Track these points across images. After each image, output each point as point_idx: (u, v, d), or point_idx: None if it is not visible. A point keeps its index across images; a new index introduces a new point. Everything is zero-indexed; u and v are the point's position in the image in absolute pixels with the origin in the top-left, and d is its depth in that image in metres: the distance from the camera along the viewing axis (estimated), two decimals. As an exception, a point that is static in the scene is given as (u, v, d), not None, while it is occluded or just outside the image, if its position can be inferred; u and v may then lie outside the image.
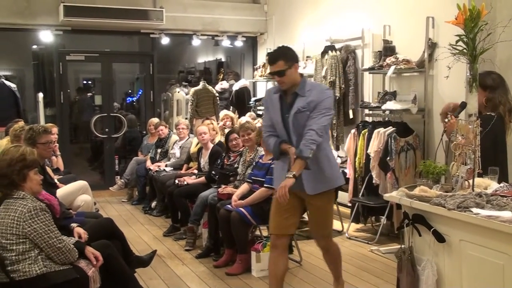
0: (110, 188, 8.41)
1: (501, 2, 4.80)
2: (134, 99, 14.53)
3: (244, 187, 5.18)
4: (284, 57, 3.60)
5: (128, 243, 4.22)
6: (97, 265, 3.30)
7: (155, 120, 8.61)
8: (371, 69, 6.49)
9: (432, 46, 5.80)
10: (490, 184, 3.22)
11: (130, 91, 15.18)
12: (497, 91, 4.07)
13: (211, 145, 6.44)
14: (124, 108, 13.80)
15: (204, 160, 6.41)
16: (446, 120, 3.89)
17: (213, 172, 5.99)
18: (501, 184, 3.21)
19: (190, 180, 6.32)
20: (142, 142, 8.78)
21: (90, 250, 3.31)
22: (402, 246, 3.23)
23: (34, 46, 11.60)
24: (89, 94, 16.02)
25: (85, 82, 16.33)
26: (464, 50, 3.35)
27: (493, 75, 4.04)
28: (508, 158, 4.14)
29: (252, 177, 5.14)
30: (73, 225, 3.70)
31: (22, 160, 3.19)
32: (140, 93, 13.14)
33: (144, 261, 4.25)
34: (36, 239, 3.05)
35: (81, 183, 5.49)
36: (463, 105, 4.14)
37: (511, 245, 2.58)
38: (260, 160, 5.13)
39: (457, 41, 3.37)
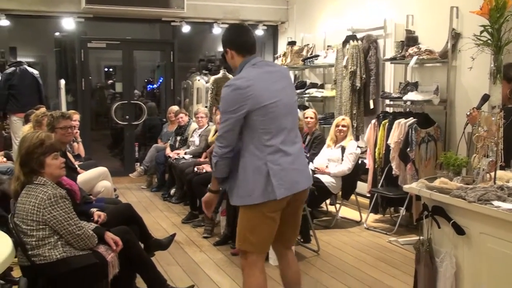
0: (130, 174, 8.49)
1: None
2: (155, 86, 14.60)
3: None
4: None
5: (146, 227, 4.26)
6: (117, 250, 3.33)
7: (175, 108, 8.65)
8: (393, 59, 6.42)
9: (455, 36, 5.71)
10: (512, 177, 3.17)
11: (151, 79, 15.26)
12: None
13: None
14: (144, 96, 13.90)
15: (223, 148, 6.42)
16: (468, 112, 3.84)
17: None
18: (524, 178, 3.16)
19: (209, 168, 6.34)
20: (162, 130, 8.83)
21: (109, 236, 3.35)
22: (421, 237, 3.20)
23: (57, 33, 11.71)
24: (110, 81, 16.23)
25: (106, 69, 16.48)
26: (489, 41, 3.29)
27: None
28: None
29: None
30: (93, 210, 3.75)
31: (39, 145, 3.22)
32: (160, 81, 13.21)
33: (163, 244, 4.29)
34: (56, 226, 3.09)
35: (101, 169, 5.55)
36: (486, 98, 4.08)
37: (533, 239, 2.55)
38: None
39: (481, 32, 3.31)
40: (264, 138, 2.97)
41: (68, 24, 8.73)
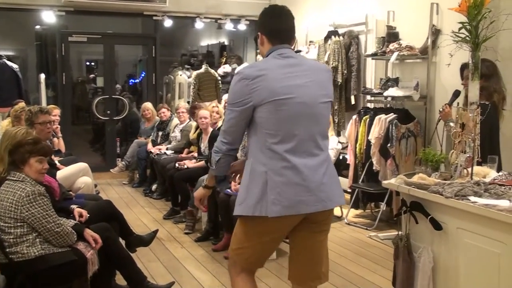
0: (111, 170, 8.43)
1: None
2: (137, 81, 14.50)
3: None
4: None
5: (127, 223, 4.24)
6: (96, 248, 3.31)
7: (148, 104, 8.58)
8: (374, 55, 6.46)
9: (435, 32, 5.76)
10: (488, 173, 3.22)
11: (133, 73, 15.15)
12: (491, 79, 4.09)
13: (210, 129, 6.43)
14: (126, 90, 13.79)
15: (204, 144, 6.42)
16: (441, 109, 3.90)
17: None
18: (500, 173, 3.20)
19: (190, 164, 6.34)
20: (140, 127, 8.76)
21: (89, 233, 3.33)
22: (399, 233, 3.23)
23: (37, 27, 11.56)
24: (91, 75, 16.08)
25: (87, 63, 16.33)
26: (467, 38, 3.32)
27: (486, 63, 4.03)
28: (501, 146, 4.16)
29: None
30: (73, 206, 3.72)
31: (31, 143, 3.20)
32: (142, 75, 13.12)
33: (145, 241, 4.28)
34: (34, 224, 3.06)
35: (81, 165, 5.50)
36: (457, 93, 4.16)
37: (508, 234, 2.58)
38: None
39: (460, 29, 3.34)
40: (269, 141, 2.50)
41: (48, 17, 8.62)
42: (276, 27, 2.66)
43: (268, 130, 2.50)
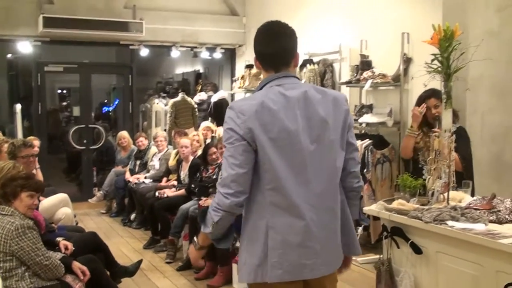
0: (89, 200, 8.39)
1: (473, 23, 5.00)
2: (110, 109, 14.48)
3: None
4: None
5: (112, 255, 4.26)
6: (84, 280, 3.33)
7: (124, 133, 8.60)
8: (348, 83, 6.64)
9: (407, 61, 5.97)
10: (463, 197, 3.36)
11: (106, 100, 15.12)
12: None
13: (191, 158, 6.50)
14: (100, 118, 13.74)
15: (184, 172, 6.47)
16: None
17: (192, 186, 6.05)
18: (474, 197, 3.35)
19: (170, 192, 6.37)
20: (116, 156, 8.74)
21: (77, 265, 3.35)
22: (381, 257, 3.34)
23: (9, 55, 11.51)
24: (64, 103, 16.00)
25: (59, 91, 16.24)
26: (439, 69, 3.50)
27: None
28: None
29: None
30: (59, 239, 3.74)
31: (24, 178, 3.25)
32: (116, 103, 13.11)
33: (130, 271, 4.31)
34: (23, 257, 3.08)
35: (62, 196, 5.52)
36: (437, 119, 4.37)
37: (485, 256, 2.71)
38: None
39: (432, 60, 3.52)
40: (265, 179, 2.12)
41: (24, 47, 8.63)
42: (264, 51, 2.27)
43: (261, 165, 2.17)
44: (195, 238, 2.32)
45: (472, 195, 3.54)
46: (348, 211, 2.34)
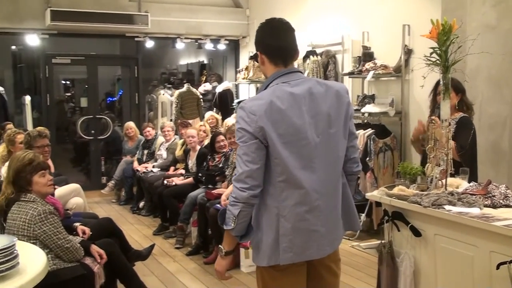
0: (102, 190, 8.55)
1: (470, 16, 5.15)
2: (115, 99, 14.64)
3: (232, 187, 5.43)
4: None
5: (126, 239, 4.46)
6: (102, 262, 3.54)
7: (131, 123, 8.77)
8: (350, 74, 6.80)
9: (408, 52, 6.14)
10: (461, 184, 3.54)
11: (111, 91, 15.28)
12: (465, 95, 4.45)
13: (198, 147, 6.68)
14: (104, 109, 13.90)
15: (191, 161, 6.67)
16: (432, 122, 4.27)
17: (199, 174, 6.25)
18: (471, 184, 3.53)
19: (178, 180, 6.57)
20: (123, 146, 8.91)
21: (94, 248, 3.55)
22: (382, 241, 3.53)
23: (13, 47, 11.65)
24: (68, 94, 16.17)
25: (63, 82, 16.40)
26: (437, 61, 3.66)
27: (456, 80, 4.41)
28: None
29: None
30: (76, 224, 3.94)
31: (28, 164, 3.42)
32: (120, 93, 13.26)
33: (143, 255, 4.50)
34: (46, 240, 3.27)
35: (74, 186, 5.70)
36: (439, 106, 4.51)
37: (480, 238, 2.89)
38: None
39: (431, 53, 3.68)
40: (276, 172, 2.28)
41: (32, 40, 8.79)
42: (275, 44, 2.37)
43: (273, 157, 2.32)
44: (220, 246, 2.41)
45: (470, 181, 3.72)
46: (349, 191, 2.53)
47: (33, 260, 2.59)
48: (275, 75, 2.36)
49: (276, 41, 2.37)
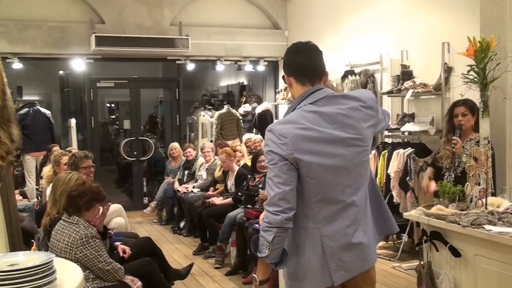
0: (144, 210, 8.69)
1: (510, 32, 5.06)
2: (158, 121, 14.94)
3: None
4: None
5: (166, 259, 4.52)
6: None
7: (175, 144, 8.92)
8: (389, 93, 6.77)
9: (448, 70, 6.06)
10: (502, 203, 3.47)
11: (154, 114, 15.61)
12: None
13: (236, 168, 6.74)
14: (149, 131, 14.22)
15: (230, 182, 6.73)
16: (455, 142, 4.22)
17: (239, 194, 6.31)
18: (512, 203, 3.46)
19: (218, 201, 6.64)
20: (166, 166, 9.05)
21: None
22: (421, 262, 3.48)
23: (61, 72, 12.08)
24: (112, 116, 16.62)
25: (108, 105, 16.88)
26: (475, 79, 3.63)
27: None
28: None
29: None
30: (117, 243, 4.03)
31: (96, 192, 3.55)
32: (162, 115, 13.55)
33: (182, 274, 4.57)
34: (87, 264, 3.37)
35: (116, 206, 5.79)
36: (459, 127, 4.47)
37: (521, 259, 2.83)
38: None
39: (468, 71, 3.65)
40: (311, 192, 2.28)
41: (78, 65, 9.09)
42: (300, 63, 2.40)
43: (308, 179, 2.32)
44: (253, 274, 2.35)
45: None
46: (379, 193, 2.55)
47: (70, 277, 2.65)
48: (302, 95, 2.36)
49: (300, 59, 2.39)
